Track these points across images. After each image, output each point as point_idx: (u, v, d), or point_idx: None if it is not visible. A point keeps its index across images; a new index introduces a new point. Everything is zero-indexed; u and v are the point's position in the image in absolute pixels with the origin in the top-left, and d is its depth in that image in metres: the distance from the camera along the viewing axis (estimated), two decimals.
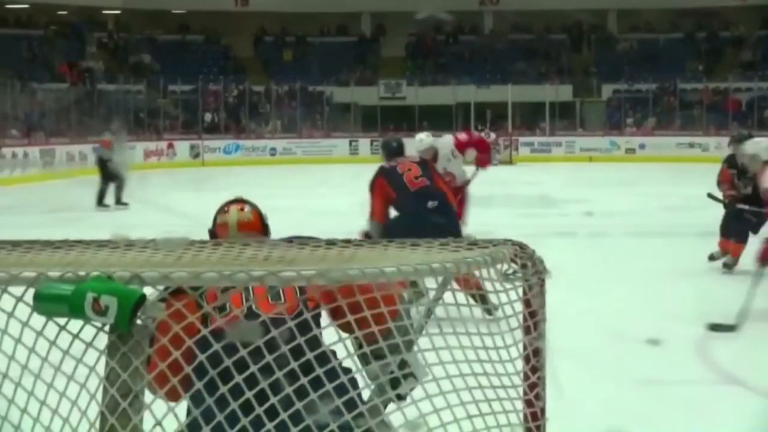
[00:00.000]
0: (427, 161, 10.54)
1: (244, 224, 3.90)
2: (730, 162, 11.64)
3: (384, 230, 8.98)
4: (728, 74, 40.60)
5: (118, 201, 19.97)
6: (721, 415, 6.25)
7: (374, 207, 9.50)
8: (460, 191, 12.29)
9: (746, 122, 35.17)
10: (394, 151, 9.95)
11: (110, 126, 22.89)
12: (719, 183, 11.70)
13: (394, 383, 3.11)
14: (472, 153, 13.51)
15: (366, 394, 3.17)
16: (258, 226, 3.93)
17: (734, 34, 44.42)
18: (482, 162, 13.65)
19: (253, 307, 3.18)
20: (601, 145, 37.66)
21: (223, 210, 4.01)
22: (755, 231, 11.05)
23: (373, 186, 9.50)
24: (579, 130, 40.09)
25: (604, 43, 45.55)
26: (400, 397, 3.21)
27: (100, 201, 19.98)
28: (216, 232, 4.03)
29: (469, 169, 13.17)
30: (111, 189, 20.23)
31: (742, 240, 11.24)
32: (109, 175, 20.41)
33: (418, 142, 12.34)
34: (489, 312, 2.64)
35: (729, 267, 11.35)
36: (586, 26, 45.26)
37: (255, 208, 4.06)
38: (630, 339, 7.91)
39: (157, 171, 23.28)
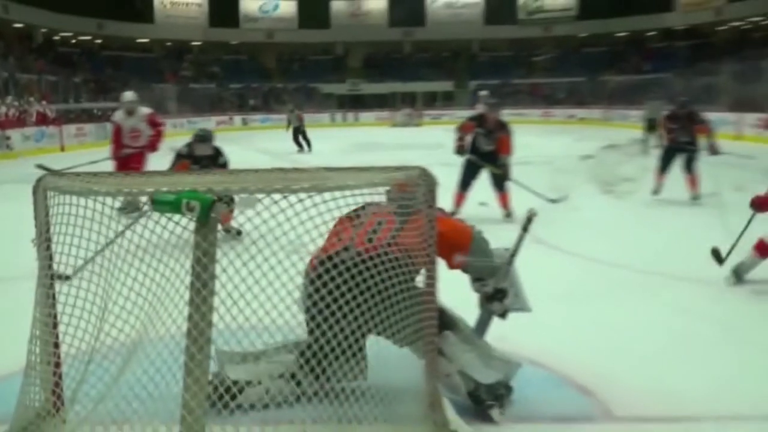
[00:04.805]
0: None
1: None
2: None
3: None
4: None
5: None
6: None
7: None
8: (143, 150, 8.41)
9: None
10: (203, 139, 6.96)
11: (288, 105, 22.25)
12: None
13: (489, 300, 2.94)
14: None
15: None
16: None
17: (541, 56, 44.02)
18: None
19: (352, 242, 2.67)
20: (467, 115, 37.17)
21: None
22: None
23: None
24: (457, 107, 39.75)
25: (471, 58, 44.89)
26: (502, 316, 2.96)
27: None
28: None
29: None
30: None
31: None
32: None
33: (130, 95, 8.56)
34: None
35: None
36: (462, 49, 44.80)
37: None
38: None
39: (226, 134, 22.40)
